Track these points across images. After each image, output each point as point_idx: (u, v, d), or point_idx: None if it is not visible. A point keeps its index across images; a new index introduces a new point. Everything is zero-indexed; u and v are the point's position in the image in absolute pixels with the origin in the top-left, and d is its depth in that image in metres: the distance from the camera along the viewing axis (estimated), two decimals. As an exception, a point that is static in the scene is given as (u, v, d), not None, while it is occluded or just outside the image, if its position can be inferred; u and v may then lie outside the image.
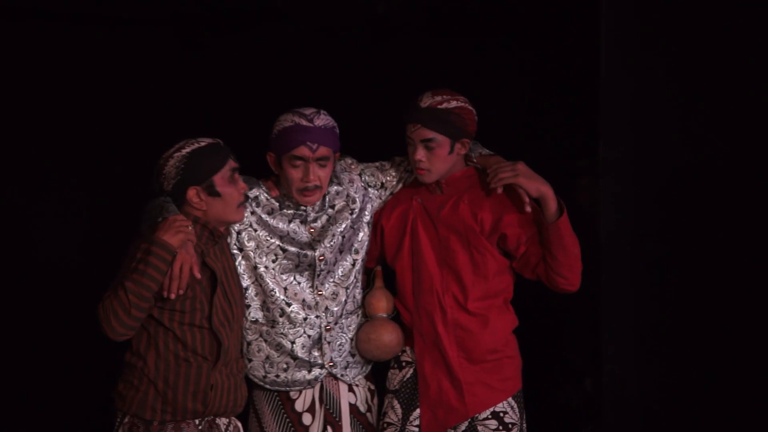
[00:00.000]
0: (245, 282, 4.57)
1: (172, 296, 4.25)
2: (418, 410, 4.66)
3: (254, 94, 5.89)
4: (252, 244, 4.56)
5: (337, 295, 4.62)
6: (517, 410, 4.67)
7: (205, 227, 4.39)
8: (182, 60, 5.92)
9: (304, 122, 4.46)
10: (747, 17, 4.94)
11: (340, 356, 4.65)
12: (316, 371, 4.63)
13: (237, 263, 4.56)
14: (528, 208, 4.53)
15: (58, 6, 5.73)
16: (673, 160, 5.04)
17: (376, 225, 4.71)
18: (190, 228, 4.25)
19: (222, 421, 4.46)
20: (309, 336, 4.59)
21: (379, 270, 4.77)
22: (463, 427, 4.64)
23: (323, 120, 4.49)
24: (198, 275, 4.28)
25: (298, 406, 4.64)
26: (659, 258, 5.07)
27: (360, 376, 4.71)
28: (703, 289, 5.03)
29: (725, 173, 4.98)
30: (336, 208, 4.62)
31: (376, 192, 4.69)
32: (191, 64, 5.92)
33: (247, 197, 4.45)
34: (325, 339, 4.61)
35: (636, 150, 5.03)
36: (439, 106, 4.51)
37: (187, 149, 4.34)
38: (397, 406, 4.69)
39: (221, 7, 5.85)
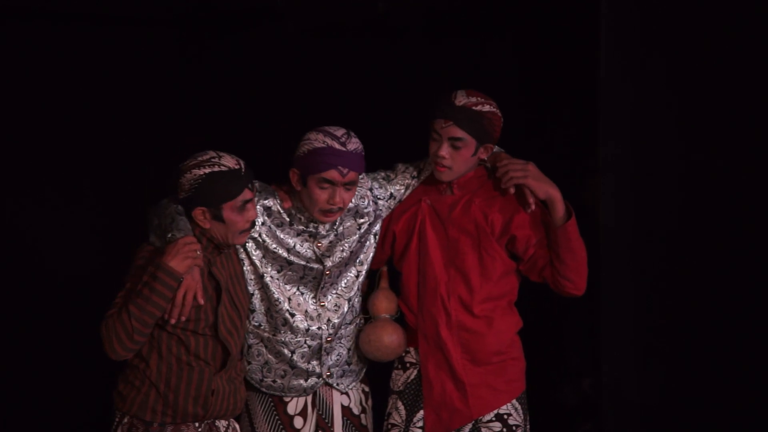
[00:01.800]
0: (251, 288, 4.56)
1: (173, 321, 4.24)
2: (421, 412, 4.66)
3: (254, 95, 5.89)
4: (259, 253, 4.55)
5: (339, 306, 4.62)
6: (521, 412, 4.67)
7: (211, 241, 4.38)
8: (182, 60, 5.92)
9: (336, 145, 4.42)
10: (746, 17, 4.94)
11: (338, 366, 4.66)
12: (312, 380, 4.63)
13: (244, 269, 4.56)
14: (533, 207, 4.54)
15: (57, 6, 5.73)
16: (673, 159, 5.04)
17: (386, 231, 4.71)
18: (198, 252, 4.22)
19: (221, 424, 4.46)
20: (309, 347, 4.60)
21: (384, 270, 4.77)
22: (467, 429, 4.64)
23: (354, 144, 4.46)
24: (201, 301, 4.25)
25: (290, 409, 4.64)
26: (659, 258, 5.07)
27: (354, 383, 4.72)
28: (702, 289, 5.04)
29: (725, 173, 4.99)
30: (345, 225, 4.61)
31: (385, 203, 4.69)
32: (191, 64, 5.92)
33: (253, 224, 4.40)
34: (324, 350, 4.62)
35: (636, 149, 5.04)
36: (473, 108, 4.50)
37: (206, 170, 4.27)
38: (401, 407, 4.69)
39: (221, 7, 5.85)
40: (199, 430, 4.41)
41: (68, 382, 5.80)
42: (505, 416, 4.62)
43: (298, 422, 4.64)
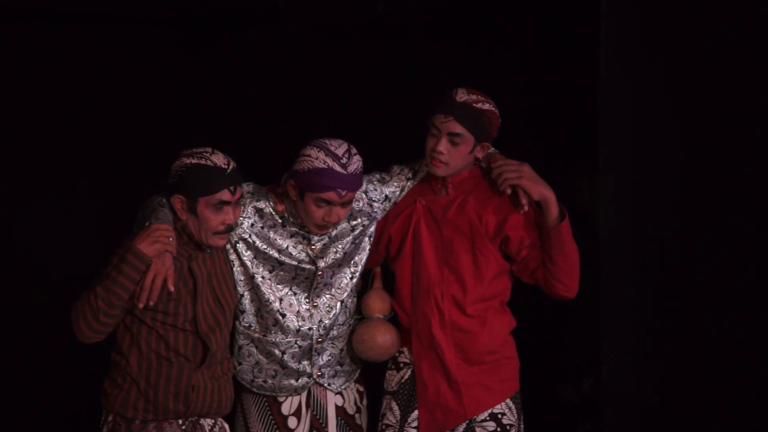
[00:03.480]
0: (241, 289, 4.56)
1: (141, 305, 4.24)
2: (416, 411, 4.66)
3: (254, 95, 5.89)
4: (250, 254, 4.55)
5: (331, 308, 4.62)
6: (515, 411, 4.67)
7: (191, 238, 4.39)
8: (182, 60, 5.92)
9: (337, 167, 4.38)
10: (746, 17, 4.94)
11: (329, 366, 4.66)
12: (303, 380, 4.64)
13: (234, 270, 4.56)
14: (526, 208, 4.54)
15: (57, 6, 5.73)
16: (673, 159, 5.04)
17: (381, 234, 4.71)
18: (170, 239, 4.23)
19: (207, 422, 4.46)
20: (300, 347, 4.60)
21: (377, 271, 4.77)
22: (461, 428, 4.64)
23: (354, 165, 4.42)
24: (171, 288, 4.26)
25: (285, 409, 4.65)
26: (658, 258, 5.07)
27: (348, 383, 4.72)
28: (701, 288, 5.04)
29: (725, 173, 4.99)
30: (339, 227, 4.61)
31: (380, 205, 4.68)
32: (191, 64, 5.92)
33: (230, 229, 4.41)
34: (315, 350, 4.62)
35: (636, 150, 5.04)
36: (474, 105, 4.51)
37: (194, 160, 4.30)
38: (396, 407, 4.69)
39: (221, 7, 5.85)
40: (183, 427, 4.41)
41: (67, 382, 5.80)
42: (499, 415, 4.62)
43: (292, 422, 4.65)
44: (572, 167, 5.59)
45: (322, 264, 4.57)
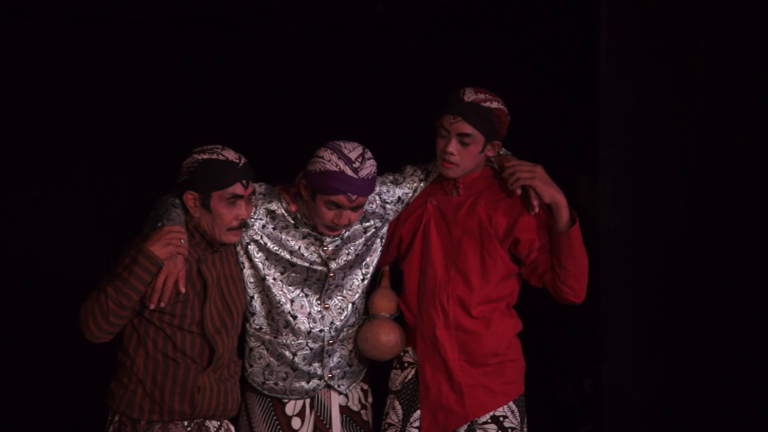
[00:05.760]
0: (251, 291, 4.56)
1: (152, 306, 4.26)
2: (418, 412, 4.66)
3: (254, 95, 5.89)
4: (261, 255, 4.55)
5: (343, 309, 4.62)
6: (517, 414, 4.66)
7: (204, 237, 4.39)
8: (182, 60, 5.92)
9: (348, 171, 4.39)
10: (747, 16, 4.94)
11: (339, 368, 4.66)
12: (314, 382, 4.64)
13: (244, 272, 4.56)
14: (536, 209, 4.54)
15: (57, 6, 5.73)
16: (673, 159, 5.04)
17: (392, 235, 4.71)
18: (182, 241, 4.24)
19: (212, 424, 4.46)
20: (311, 349, 4.60)
21: (386, 270, 4.78)
22: (462, 430, 4.64)
23: (367, 169, 4.42)
24: (183, 290, 4.28)
25: (288, 409, 4.65)
26: (658, 257, 5.07)
27: (354, 383, 4.72)
28: (702, 288, 5.04)
29: (725, 172, 4.99)
30: (351, 229, 4.61)
31: (393, 207, 4.68)
32: (191, 64, 5.92)
33: (244, 224, 4.42)
34: (326, 352, 4.62)
35: (635, 150, 5.03)
36: (482, 104, 4.51)
37: (205, 156, 4.33)
38: (398, 407, 4.69)
39: (221, 7, 5.85)
40: (188, 429, 4.41)
41: (73, 382, 5.80)
42: (501, 418, 4.62)
43: (296, 423, 4.65)
44: (572, 167, 5.59)
45: (333, 266, 4.58)
